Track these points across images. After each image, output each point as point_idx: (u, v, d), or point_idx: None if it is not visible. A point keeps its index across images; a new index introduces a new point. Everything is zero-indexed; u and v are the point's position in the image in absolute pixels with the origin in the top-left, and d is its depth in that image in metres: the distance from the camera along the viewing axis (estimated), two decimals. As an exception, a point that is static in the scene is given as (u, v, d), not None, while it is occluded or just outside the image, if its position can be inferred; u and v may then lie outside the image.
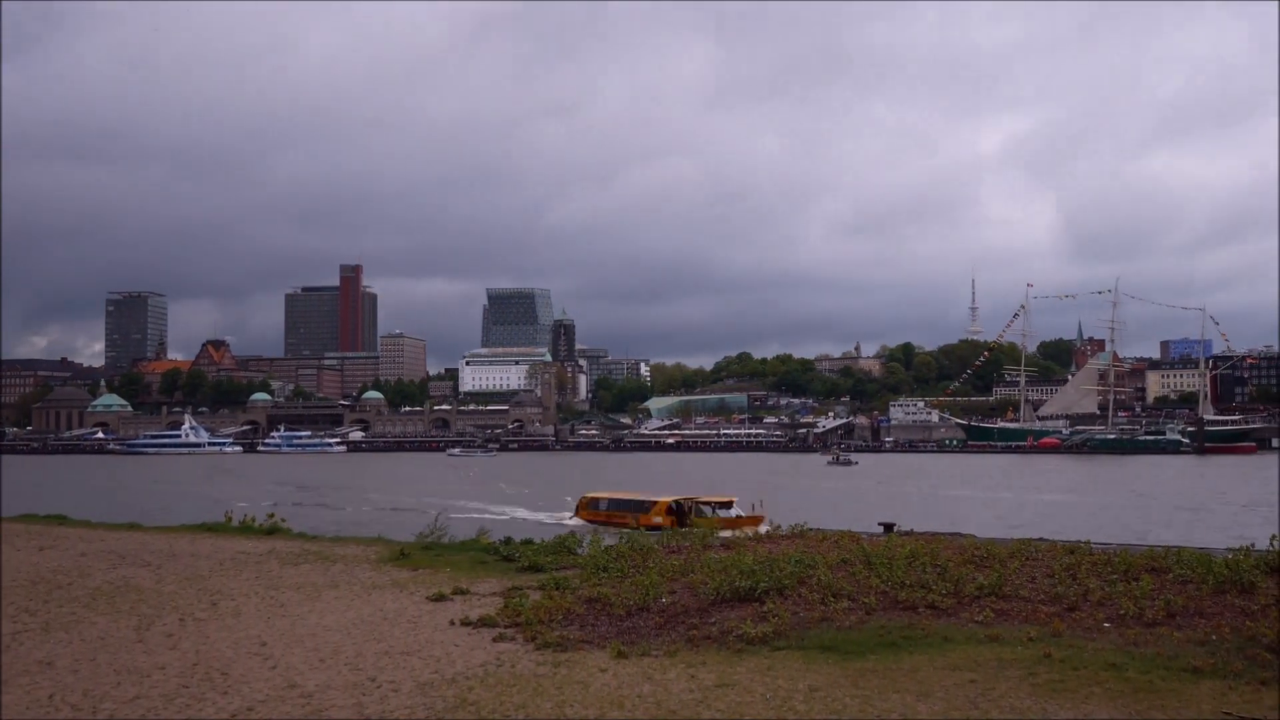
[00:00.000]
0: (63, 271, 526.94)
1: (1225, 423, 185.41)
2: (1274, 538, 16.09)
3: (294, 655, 11.64)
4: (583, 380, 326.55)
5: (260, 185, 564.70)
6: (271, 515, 25.71)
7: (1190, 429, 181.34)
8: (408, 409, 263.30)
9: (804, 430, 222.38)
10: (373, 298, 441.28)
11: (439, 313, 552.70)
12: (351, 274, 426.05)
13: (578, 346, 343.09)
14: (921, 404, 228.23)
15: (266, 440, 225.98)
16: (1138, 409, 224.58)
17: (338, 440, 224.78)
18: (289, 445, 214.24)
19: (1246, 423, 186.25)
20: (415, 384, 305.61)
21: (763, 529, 27.53)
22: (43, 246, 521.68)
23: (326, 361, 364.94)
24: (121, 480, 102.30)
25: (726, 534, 23.31)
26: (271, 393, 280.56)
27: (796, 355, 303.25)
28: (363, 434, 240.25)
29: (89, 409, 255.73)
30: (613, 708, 9.35)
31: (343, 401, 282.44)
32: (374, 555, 19.98)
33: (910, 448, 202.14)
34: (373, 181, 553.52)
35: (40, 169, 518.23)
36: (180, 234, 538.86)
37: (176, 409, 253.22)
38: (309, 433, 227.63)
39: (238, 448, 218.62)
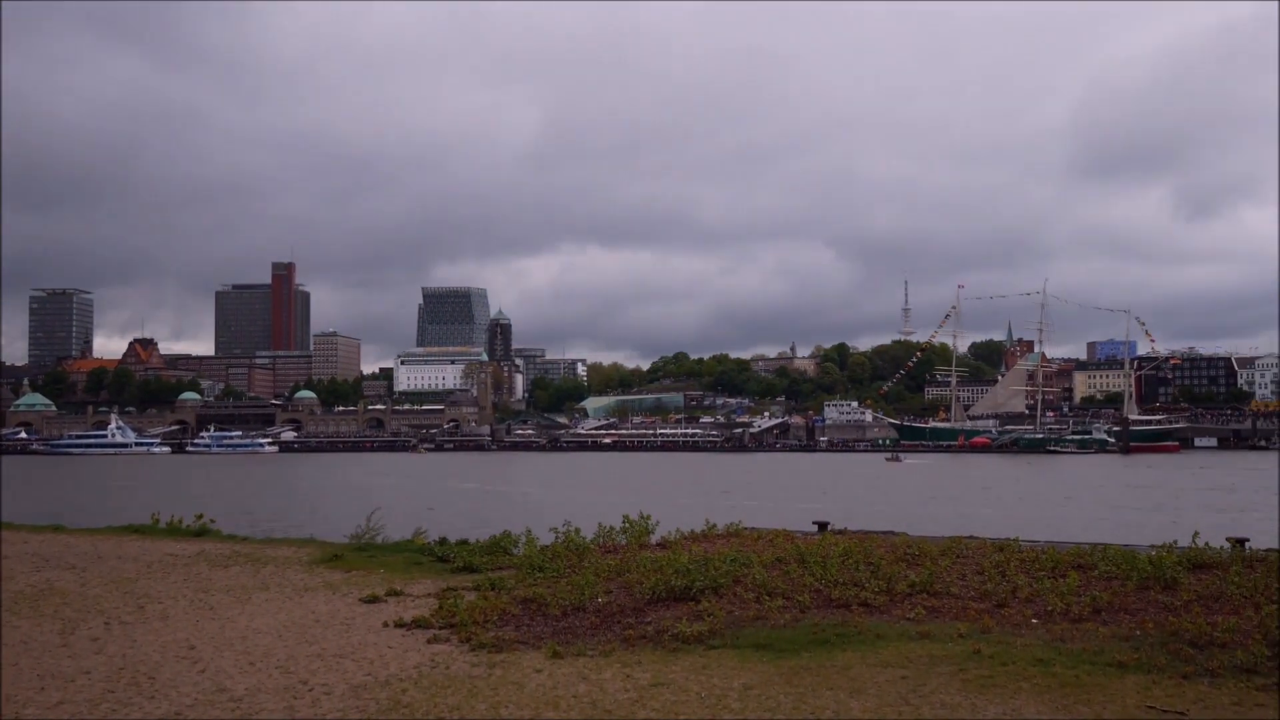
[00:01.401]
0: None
1: (1149, 422, 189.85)
2: (1195, 535, 16.54)
3: (223, 659, 11.43)
4: (519, 380, 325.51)
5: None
6: (200, 516, 25.17)
7: (1115, 429, 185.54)
8: (341, 408, 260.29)
9: (740, 430, 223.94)
10: (305, 296, 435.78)
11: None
12: (284, 272, 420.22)
13: (514, 346, 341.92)
14: (855, 404, 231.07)
15: (196, 440, 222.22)
16: (1065, 409, 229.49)
17: (269, 440, 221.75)
18: (219, 445, 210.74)
19: (1170, 423, 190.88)
20: (349, 383, 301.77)
21: None
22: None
23: (258, 360, 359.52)
24: (46, 481, 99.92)
25: None
26: (201, 392, 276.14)
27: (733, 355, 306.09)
28: (295, 434, 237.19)
29: (11, 408, 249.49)
30: (548, 708, 9.30)
31: (275, 401, 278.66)
32: (306, 557, 19.63)
33: (845, 447, 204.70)
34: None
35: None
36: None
37: (102, 408, 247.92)
38: (240, 433, 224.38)
39: (166, 448, 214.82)
